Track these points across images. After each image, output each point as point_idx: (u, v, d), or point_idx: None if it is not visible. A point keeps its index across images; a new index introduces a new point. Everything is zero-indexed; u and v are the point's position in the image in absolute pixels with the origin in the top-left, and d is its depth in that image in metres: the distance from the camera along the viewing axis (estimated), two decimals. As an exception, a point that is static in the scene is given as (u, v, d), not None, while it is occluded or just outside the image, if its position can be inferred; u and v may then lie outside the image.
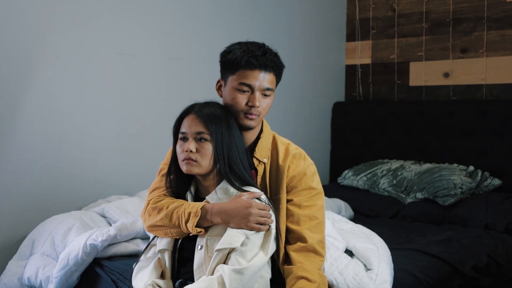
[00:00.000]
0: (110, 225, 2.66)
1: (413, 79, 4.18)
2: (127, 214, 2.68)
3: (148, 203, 1.96)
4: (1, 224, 2.71)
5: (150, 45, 3.24)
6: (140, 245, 2.44)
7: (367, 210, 3.59)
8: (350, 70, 4.54)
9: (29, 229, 2.73)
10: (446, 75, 4.00)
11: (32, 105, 2.76)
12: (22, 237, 2.75)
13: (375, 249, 2.32)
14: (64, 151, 2.91)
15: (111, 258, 2.39)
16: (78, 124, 2.95)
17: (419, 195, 3.49)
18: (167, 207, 1.87)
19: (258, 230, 1.79)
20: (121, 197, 3.00)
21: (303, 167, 2.01)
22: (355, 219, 3.35)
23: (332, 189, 3.81)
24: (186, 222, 1.81)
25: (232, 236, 1.76)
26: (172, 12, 3.34)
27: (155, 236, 1.98)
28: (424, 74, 4.12)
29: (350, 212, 3.47)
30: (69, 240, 2.48)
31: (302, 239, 1.93)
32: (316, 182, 2.04)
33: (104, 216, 2.77)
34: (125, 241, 2.45)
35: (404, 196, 3.58)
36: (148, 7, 3.22)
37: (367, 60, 4.42)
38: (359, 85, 4.48)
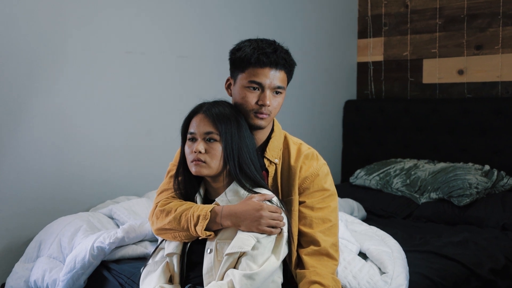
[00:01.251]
0: (118, 226, 2.64)
1: (426, 76, 4.15)
2: (135, 216, 2.66)
3: (156, 206, 1.94)
4: (7, 226, 2.71)
5: (158, 43, 3.23)
6: (148, 247, 2.41)
7: (380, 211, 3.56)
8: (362, 67, 4.51)
9: (36, 231, 2.72)
10: (461, 72, 3.97)
11: (38, 106, 2.76)
12: (29, 239, 2.73)
13: (389, 251, 2.30)
14: (71, 152, 2.90)
15: (118, 261, 2.37)
16: (86, 124, 2.95)
17: (434, 195, 3.45)
18: (176, 210, 1.85)
19: (269, 234, 1.75)
20: (129, 198, 2.99)
21: (316, 168, 1.98)
22: (368, 220, 3.34)
23: (344, 189, 3.78)
24: (195, 225, 1.78)
25: (243, 240, 1.73)
26: (181, 9, 3.32)
27: (163, 240, 1.94)
28: (437, 71, 4.08)
29: (363, 213, 3.45)
30: (76, 242, 2.46)
31: (315, 242, 1.90)
32: (329, 183, 2.00)
33: (112, 218, 2.75)
34: (133, 244, 2.42)
35: (418, 196, 3.54)
36: (157, 4, 3.20)
37: (379, 57, 4.40)
38: (371, 83, 4.46)
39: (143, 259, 2.30)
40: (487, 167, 3.54)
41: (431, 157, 3.91)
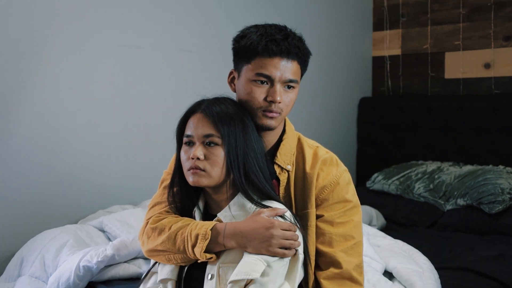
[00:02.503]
0: (110, 240, 2.55)
1: (449, 71, 4.11)
2: (129, 228, 2.56)
3: (147, 223, 1.80)
4: None
5: (156, 35, 3.19)
6: (142, 266, 2.30)
7: (400, 218, 3.48)
8: (378, 62, 4.49)
9: (18, 246, 2.62)
10: (487, 66, 3.92)
11: (24, 104, 2.71)
12: (10, 255, 2.64)
13: (420, 271, 2.23)
14: (59, 157, 2.84)
15: (108, 282, 2.27)
16: (76, 124, 2.90)
17: (461, 202, 3.35)
18: (170, 228, 1.71)
19: (282, 256, 1.60)
20: (124, 208, 2.90)
21: (336, 175, 1.83)
22: (388, 229, 3.26)
23: (360, 194, 3.59)
24: (193, 246, 1.64)
25: (250, 264, 1.57)
26: None
27: (156, 262, 1.81)
28: (461, 65, 4.05)
29: (382, 221, 3.37)
30: (61, 260, 2.35)
31: (336, 263, 1.76)
32: (351, 194, 1.88)
33: (103, 231, 2.65)
34: (124, 262, 2.31)
35: (442, 202, 3.45)
36: None
37: (397, 51, 4.38)
38: (388, 79, 4.43)
39: (136, 280, 2.22)
40: None
41: (455, 159, 3.87)
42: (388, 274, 2.25)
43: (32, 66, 2.70)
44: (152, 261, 1.82)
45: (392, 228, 3.29)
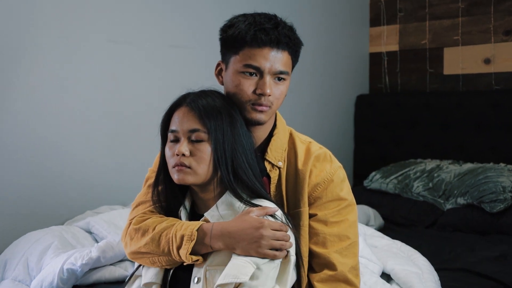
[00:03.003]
0: (97, 242, 2.49)
1: (448, 67, 4.12)
2: (117, 230, 2.50)
3: (130, 223, 1.77)
4: None
5: (146, 30, 3.16)
6: (129, 269, 2.22)
7: (399, 218, 3.45)
8: (375, 58, 4.49)
9: (1, 249, 2.58)
10: (487, 61, 3.92)
11: (9, 99, 2.68)
12: None
13: (419, 272, 2.20)
14: (45, 155, 2.81)
15: (93, 285, 2.22)
16: (63, 122, 2.87)
17: (461, 200, 3.33)
18: (154, 228, 1.67)
19: (272, 258, 1.56)
20: (113, 208, 2.86)
21: (330, 172, 1.79)
22: (386, 229, 3.24)
23: (357, 193, 3.70)
24: (178, 248, 1.60)
25: (239, 267, 1.53)
26: None
27: (140, 265, 1.76)
28: (461, 60, 4.05)
29: (380, 221, 3.35)
30: (45, 262, 2.29)
31: (330, 265, 1.72)
32: (346, 191, 1.83)
33: (89, 232, 2.60)
34: (110, 265, 2.25)
35: (442, 201, 3.43)
36: None
37: (394, 47, 4.38)
38: (386, 76, 4.43)
39: (122, 283, 2.11)
40: None
41: (455, 157, 3.86)
42: (386, 276, 2.22)
43: (18, 63, 2.67)
44: (136, 264, 1.78)
45: (390, 228, 3.28)
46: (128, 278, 1.80)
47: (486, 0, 3.89)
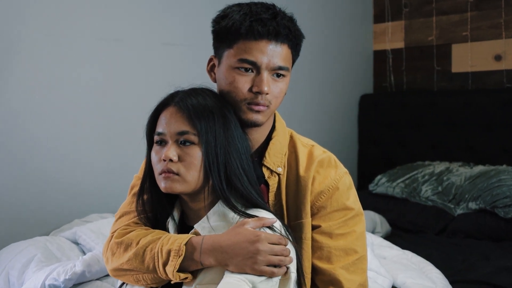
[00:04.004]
0: (84, 253, 2.43)
1: (456, 64, 4.08)
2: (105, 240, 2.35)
3: (112, 236, 1.66)
4: None
5: (138, 27, 3.12)
6: (116, 284, 2.09)
7: (406, 224, 3.40)
8: (380, 56, 4.48)
9: None
10: (498, 58, 3.86)
11: None
12: None
13: (433, 286, 2.14)
14: (29, 160, 2.76)
15: None
16: (51, 124, 2.82)
17: (473, 205, 3.27)
18: (138, 242, 1.56)
19: (270, 275, 1.46)
20: (102, 216, 2.83)
21: (335, 179, 1.70)
22: (393, 236, 3.22)
23: (362, 198, 3.55)
24: (165, 264, 1.49)
25: (232, 285, 1.43)
26: None
27: (123, 283, 1.66)
28: (470, 57, 4.01)
29: (387, 227, 3.31)
30: (26, 276, 2.23)
31: (336, 282, 1.64)
32: (353, 200, 1.74)
33: (76, 243, 2.55)
34: (96, 280, 2.17)
35: (452, 206, 3.38)
36: None
37: (400, 44, 4.36)
38: (390, 74, 4.41)
39: None
40: None
41: (464, 159, 3.82)
42: None
43: (8, 63, 2.64)
44: (119, 282, 1.68)
45: (397, 235, 3.25)
46: None
47: None
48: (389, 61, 4.42)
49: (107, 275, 2.18)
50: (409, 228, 3.37)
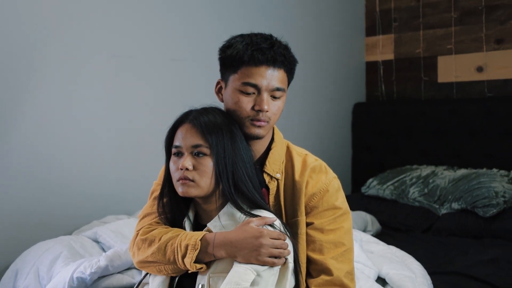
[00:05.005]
0: (104, 251, 2.52)
1: (442, 75, 4.13)
2: (124, 239, 2.52)
3: (138, 234, 1.79)
4: None
5: (148, 45, 3.17)
6: (136, 277, 2.24)
7: (396, 224, 3.46)
8: (371, 67, 4.50)
9: (13, 258, 2.57)
10: (480, 69, 3.93)
11: (18, 115, 2.69)
12: (4, 268, 2.60)
13: (413, 276, 2.21)
14: (54, 167, 2.82)
15: None
16: (70, 135, 2.88)
17: (455, 206, 3.35)
18: (160, 239, 1.70)
19: (272, 265, 1.60)
20: (118, 218, 2.89)
21: (325, 183, 1.83)
22: (383, 234, 3.27)
23: (355, 200, 3.71)
24: (183, 256, 1.63)
25: (240, 274, 1.57)
26: (172, 7, 3.27)
27: (147, 273, 1.80)
28: (454, 69, 4.06)
29: (377, 226, 3.36)
30: (55, 271, 2.31)
31: (327, 271, 1.75)
32: (341, 201, 1.86)
33: (97, 241, 2.62)
34: (118, 273, 2.25)
35: (437, 206, 3.44)
36: (145, 2, 3.17)
37: (390, 56, 4.39)
38: (382, 84, 4.45)
39: None
40: None
41: (450, 163, 3.87)
42: (381, 281, 2.22)
43: (26, 78, 2.70)
44: (144, 272, 1.81)
45: (387, 234, 3.28)
46: (136, 286, 1.84)
47: (478, 10, 3.90)
48: (380, 72, 4.42)
49: (128, 269, 2.25)
50: (398, 227, 3.40)
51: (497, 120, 3.68)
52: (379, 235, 3.17)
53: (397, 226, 3.43)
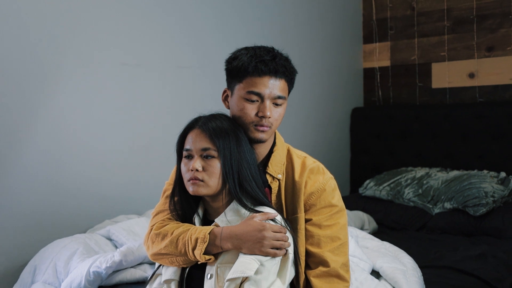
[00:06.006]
0: (117, 248, 2.59)
1: (436, 81, 4.14)
2: (135, 236, 2.58)
3: (151, 229, 1.87)
4: (2, 249, 2.66)
5: (155, 53, 3.21)
6: (147, 271, 2.33)
7: (391, 223, 3.50)
8: (369, 73, 4.51)
9: (31, 255, 2.66)
10: (472, 75, 3.96)
11: (33, 121, 2.73)
12: (23, 264, 2.66)
13: (404, 269, 2.26)
14: (67, 169, 2.87)
15: (116, 286, 2.30)
16: (82, 140, 2.92)
17: (448, 205, 3.39)
18: (172, 233, 1.79)
19: (273, 256, 1.68)
20: (129, 217, 2.93)
21: (322, 183, 1.91)
22: (380, 233, 3.32)
23: (353, 200, 3.76)
24: (193, 249, 1.72)
25: (245, 264, 1.65)
26: (179, 16, 3.30)
27: (160, 265, 1.89)
28: (447, 75, 4.07)
29: (374, 225, 3.41)
30: (72, 266, 2.39)
31: (324, 263, 1.84)
32: (337, 199, 1.93)
33: (110, 239, 2.68)
34: (131, 267, 2.34)
35: (431, 206, 3.48)
36: (153, 13, 3.19)
37: (386, 63, 4.39)
38: (379, 89, 4.46)
39: (142, 283, 2.25)
40: (503, 174, 3.48)
41: (443, 165, 3.89)
42: (376, 273, 2.27)
43: (41, 85, 2.74)
44: (157, 264, 1.89)
45: (383, 232, 3.33)
46: (150, 276, 1.91)
47: (469, 19, 3.90)
48: (377, 78, 4.42)
49: (140, 263, 2.33)
50: (393, 226, 3.44)
51: (487, 124, 3.70)
52: (375, 233, 3.21)
53: (393, 225, 3.46)
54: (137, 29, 3.12)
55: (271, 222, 1.72)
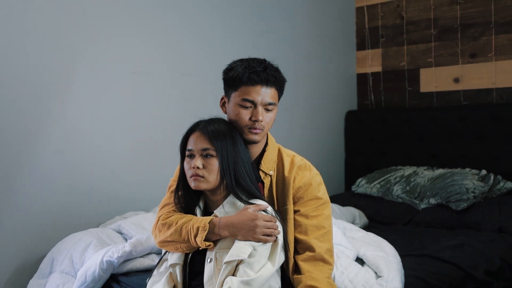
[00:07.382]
0: (126, 241, 2.67)
1: (424, 85, 4.16)
2: (143, 230, 2.68)
3: (158, 220, 1.98)
4: (22, 243, 2.73)
5: (162, 62, 3.25)
6: (155, 260, 2.44)
7: (381, 218, 3.56)
8: (362, 78, 4.52)
9: (49, 248, 2.75)
10: (456, 80, 3.98)
11: (48, 125, 2.78)
12: (42, 256, 2.76)
13: (385, 256, 2.36)
14: (81, 170, 2.92)
15: (127, 273, 2.40)
16: (94, 143, 2.96)
17: (432, 201, 3.45)
18: (176, 223, 1.89)
19: (264, 242, 1.80)
20: (137, 213, 2.99)
21: (309, 178, 2.02)
22: (370, 227, 3.35)
23: (346, 197, 3.79)
24: (195, 236, 1.83)
25: (240, 248, 1.77)
26: (183, 29, 3.34)
27: (166, 251, 1.99)
28: (434, 80, 4.09)
29: (365, 220, 3.47)
30: (86, 257, 2.49)
31: (310, 248, 1.94)
32: (322, 192, 2.04)
33: (120, 233, 2.77)
34: (140, 257, 2.45)
35: (417, 202, 3.54)
36: (160, 26, 3.24)
37: (378, 68, 4.41)
38: (371, 93, 4.47)
39: (150, 271, 2.23)
40: (483, 171, 3.54)
41: (430, 164, 3.89)
42: (360, 261, 2.36)
43: (55, 92, 2.78)
44: (163, 251, 2.00)
45: (374, 227, 3.37)
46: (157, 261, 2.01)
47: (454, 28, 3.93)
48: (370, 83, 4.44)
49: (148, 253, 2.44)
50: (383, 221, 3.50)
51: (471, 125, 3.74)
52: (366, 228, 3.28)
53: (382, 219, 3.52)
54: (145, 40, 3.16)
55: (263, 213, 1.83)
